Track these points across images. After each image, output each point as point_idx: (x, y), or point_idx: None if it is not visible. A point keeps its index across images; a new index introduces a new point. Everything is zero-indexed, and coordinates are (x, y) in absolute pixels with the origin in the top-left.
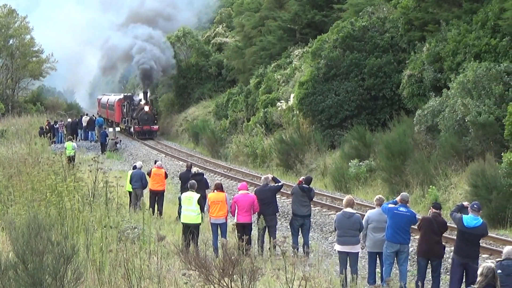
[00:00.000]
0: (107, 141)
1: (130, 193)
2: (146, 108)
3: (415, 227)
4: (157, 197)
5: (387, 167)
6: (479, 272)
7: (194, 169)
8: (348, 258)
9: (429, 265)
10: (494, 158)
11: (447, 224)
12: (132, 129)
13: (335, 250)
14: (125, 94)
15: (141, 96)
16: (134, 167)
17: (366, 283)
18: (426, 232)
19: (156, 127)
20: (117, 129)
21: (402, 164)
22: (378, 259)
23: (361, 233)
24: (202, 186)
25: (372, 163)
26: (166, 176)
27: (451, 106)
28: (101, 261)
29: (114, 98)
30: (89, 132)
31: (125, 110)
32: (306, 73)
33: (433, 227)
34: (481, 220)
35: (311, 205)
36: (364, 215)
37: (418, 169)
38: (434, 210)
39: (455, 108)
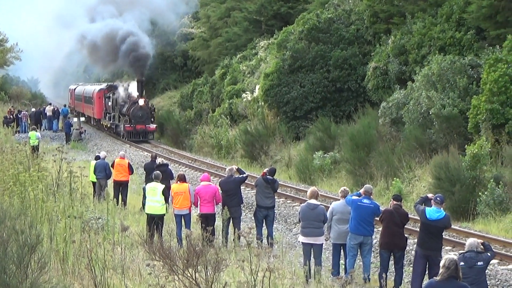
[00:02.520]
0: (72, 131)
1: (94, 183)
2: (141, 102)
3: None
4: (121, 187)
5: (351, 159)
6: (441, 264)
7: (158, 160)
8: (312, 250)
9: (392, 257)
10: (457, 150)
11: (409, 215)
12: (121, 128)
13: (299, 241)
14: (110, 83)
15: (133, 87)
16: (97, 157)
17: (330, 275)
18: (388, 224)
19: (153, 126)
20: (82, 119)
21: (366, 156)
22: (342, 250)
23: (325, 224)
24: (166, 177)
25: (337, 155)
26: (130, 166)
27: (416, 98)
28: (65, 251)
29: (92, 88)
30: (53, 122)
31: (110, 104)
32: (272, 65)
33: (394, 219)
34: (444, 213)
35: (275, 197)
36: (328, 207)
37: (382, 161)
38: (395, 202)
39: (419, 101)
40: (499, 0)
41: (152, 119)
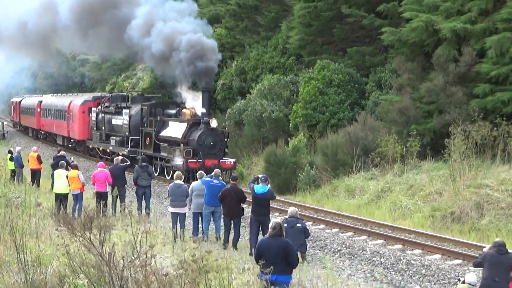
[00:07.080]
0: None
1: (13, 171)
2: (214, 124)
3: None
4: (35, 174)
5: None
6: (269, 226)
7: (60, 153)
8: (178, 217)
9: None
10: (283, 143)
11: (243, 191)
12: (178, 164)
13: (168, 211)
14: (115, 92)
15: (193, 99)
16: (10, 151)
17: (191, 235)
18: (227, 199)
19: (230, 162)
20: (5, 122)
21: None
22: (200, 217)
23: (188, 198)
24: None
25: None
26: (38, 157)
27: (253, 106)
28: None
29: (66, 100)
30: None
31: (120, 123)
32: (146, 82)
33: (231, 195)
34: (268, 188)
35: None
36: (189, 186)
37: (229, 152)
38: (232, 181)
39: (255, 108)
40: (308, 35)
41: (226, 150)
